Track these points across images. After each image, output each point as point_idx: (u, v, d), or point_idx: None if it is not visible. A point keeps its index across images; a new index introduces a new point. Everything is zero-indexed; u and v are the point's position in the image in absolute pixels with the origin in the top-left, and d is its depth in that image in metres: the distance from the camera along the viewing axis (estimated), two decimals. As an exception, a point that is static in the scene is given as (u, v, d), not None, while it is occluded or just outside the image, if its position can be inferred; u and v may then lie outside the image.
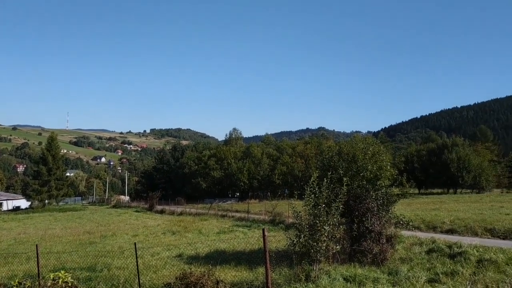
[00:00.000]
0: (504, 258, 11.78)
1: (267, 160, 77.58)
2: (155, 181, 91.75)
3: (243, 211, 38.21)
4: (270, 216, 31.17)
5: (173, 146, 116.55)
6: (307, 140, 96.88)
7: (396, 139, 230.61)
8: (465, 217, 23.16)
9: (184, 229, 28.68)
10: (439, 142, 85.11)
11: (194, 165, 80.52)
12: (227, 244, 19.29)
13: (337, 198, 11.75)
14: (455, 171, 69.65)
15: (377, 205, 13.34)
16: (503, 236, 17.92)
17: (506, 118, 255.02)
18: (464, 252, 12.83)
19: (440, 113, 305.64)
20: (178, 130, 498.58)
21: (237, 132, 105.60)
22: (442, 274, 10.49)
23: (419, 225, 21.95)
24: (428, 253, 13.83)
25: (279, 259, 12.36)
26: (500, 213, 25.05)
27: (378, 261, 12.36)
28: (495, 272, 10.48)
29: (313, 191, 11.51)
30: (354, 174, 14.65)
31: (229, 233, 25.37)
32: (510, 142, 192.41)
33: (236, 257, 15.77)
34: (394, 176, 15.36)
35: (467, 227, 19.86)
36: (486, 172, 71.20)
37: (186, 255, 17.37)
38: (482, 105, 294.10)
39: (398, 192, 15.24)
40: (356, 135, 26.42)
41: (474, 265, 11.55)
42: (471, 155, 72.43)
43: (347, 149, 15.86)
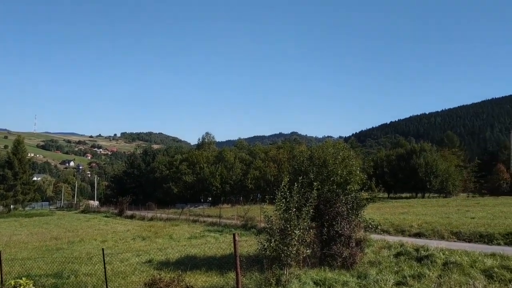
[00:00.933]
0: (468, 261, 12.10)
1: (239, 165, 77.55)
2: (126, 186, 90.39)
3: (215, 216, 37.99)
4: (242, 221, 31.08)
5: (144, 150, 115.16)
6: (280, 145, 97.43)
7: (366, 144, 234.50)
8: (433, 221, 23.71)
9: (155, 235, 28.28)
10: (408, 147, 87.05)
11: (165, 169, 79.71)
12: (198, 249, 19.13)
13: (308, 203, 11.83)
14: (423, 175, 71.35)
15: (347, 209, 13.51)
16: (469, 239, 18.41)
17: (472, 124, 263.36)
18: (431, 255, 13.12)
19: (409, 119, 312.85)
20: (149, 134, 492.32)
21: (209, 136, 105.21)
22: (410, 277, 10.69)
23: (388, 228, 22.35)
24: (396, 256, 14.07)
25: (250, 264, 12.34)
26: (466, 217, 25.76)
27: (347, 264, 12.51)
28: (460, 274, 10.75)
29: (284, 196, 11.56)
30: (324, 178, 14.76)
31: (200, 238, 25.16)
32: (475, 147, 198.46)
33: (207, 262, 15.66)
34: (363, 180, 15.57)
35: (434, 231, 20.31)
36: (453, 177, 73.25)
37: (156, 260, 17.12)
38: (449, 112, 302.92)
39: (367, 196, 15.47)
40: (328, 140, 26.70)
41: (440, 267, 11.82)
42: (439, 160, 74.40)
43: (318, 154, 15.99)
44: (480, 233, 18.61)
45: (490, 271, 10.79)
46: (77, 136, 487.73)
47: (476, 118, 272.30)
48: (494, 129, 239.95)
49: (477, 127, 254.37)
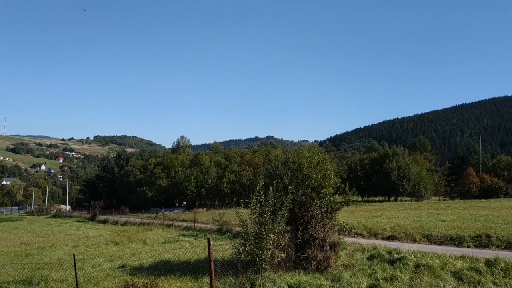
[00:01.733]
0: (439, 263, 12.35)
1: (215, 169, 77.21)
2: (99, 190, 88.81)
3: (190, 220, 37.69)
4: (217, 225, 30.93)
5: (118, 154, 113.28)
6: (256, 149, 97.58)
7: (341, 148, 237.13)
8: (405, 224, 24.13)
9: (128, 239, 27.87)
10: (381, 151, 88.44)
11: (139, 173, 78.64)
12: (173, 254, 18.93)
13: (283, 206, 11.87)
14: (395, 179, 72.57)
15: (321, 212, 13.61)
16: (440, 242, 18.81)
17: (443, 129, 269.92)
18: (403, 258, 13.33)
19: (382, 124, 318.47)
20: (123, 137, 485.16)
21: (185, 139, 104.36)
22: (382, 280, 10.83)
23: (362, 232, 22.63)
24: (370, 259, 14.25)
25: (225, 268, 12.27)
26: (437, 220, 26.32)
27: (322, 268, 12.59)
28: (431, 276, 10.96)
29: (259, 200, 11.57)
30: (299, 182, 14.86)
31: (174, 243, 24.92)
32: (447, 152, 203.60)
33: (182, 267, 15.52)
34: (337, 184, 15.74)
35: (407, 234, 20.68)
36: (425, 180, 74.79)
37: (129, 266, 16.85)
38: (421, 117, 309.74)
39: (341, 200, 15.62)
40: (303, 144, 26.87)
41: (412, 270, 12.02)
42: (411, 164, 75.85)
43: (293, 158, 16.09)
44: (450, 235, 19.04)
45: (460, 273, 11.04)
46: (48, 139, 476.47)
47: (447, 123, 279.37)
48: (464, 134, 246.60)
49: (448, 132, 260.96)
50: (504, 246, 16.60)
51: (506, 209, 32.61)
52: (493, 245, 16.86)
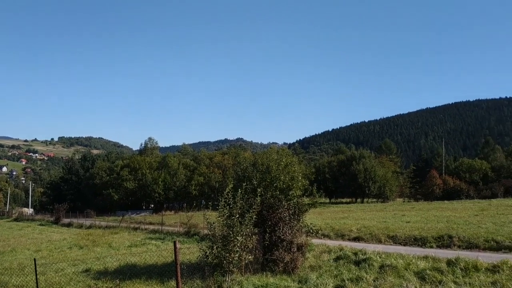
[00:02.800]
0: (403, 264, 12.62)
1: (183, 171, 76.58)
2: (63, 193, 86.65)
3: (157, 223, 37.21)
4: (185, 228, 30.63)
5: (83, 156, 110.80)
6: (225, 151, 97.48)
7: (310, 150, 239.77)
8: (371, 225, 24.59)
9: (93, 243, 27.22)
10: (348, 154, 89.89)
11: (105, 175, 77.12)
12: (139, 257, 18.59)
13: (251, 209, 11.86)
14: (362, 181, 73.91)
15: (289, 214, 13.67)
16: (404, 242, 19.25)
17: (408, 132, 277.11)
18: (368, 258, 13.55)
19: (349, 127, 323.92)
20: (89, 139, 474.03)
21: (153, 141, 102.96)
22: (348, 280, 10.97)
23: (329, 233, 22.91)
24: (336, 260, 14.42)
25: (191, 272, 12.14)
26: (402, 221, 26.94)
27: (289, 269, 12.65)
28: (395, 277, 11.18)
29: (228, 202, 11.53)
30: (268, 184, 14.89)
31: (141, 246, 24.51)
32: (411, 154, 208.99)
33: (148, 270, 15.26)
34: (305, 186, 15.86)
35: (372, 235, 21.07)
36: (390, 182, 76.53)
37: (94, 270, 16.45)
38: (387, 120, 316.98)
39: (309, 202, 15.75)
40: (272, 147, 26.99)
41: (377, 270, 12.24)
42: (377, 166, 77.45)
43: (262, 160, 16.11)
44: (414, 236, 19.51)
45: (422, 273, 11.31)
46: (10, 140, 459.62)
47: (412, 126, 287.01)
48: (428, 137, 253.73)
49: (413, 135, 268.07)
50: (465, 246, 17.14)
51: (468, 211, 33.69)
52: (455, 246, 17.37)
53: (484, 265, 11.65)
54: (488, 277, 10.62)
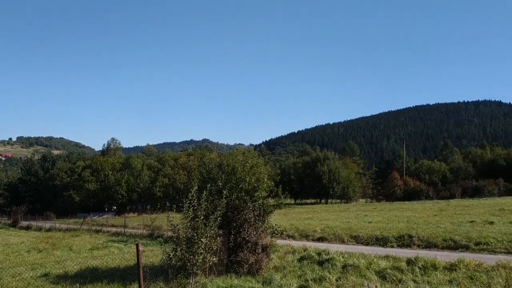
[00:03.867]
0: (365, 263, 12.87)
1: (147, 172, 75.47)
2: (21, 194, 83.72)
3: (119, 225, 36.50)
4: (148, 230, 30.20)
5: (43, 156, 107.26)
6: (190, 152, 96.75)
7: (275, 152, 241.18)
8: (334, 226, 24.96)
9: (52, 246, 26.42)
10: (313, 155, 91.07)
11: (66, 176, 74.97)
12: (100, 260, 18.17)
13: (216, 210, 11.80)
14: (326, 182, 75.07)
15: (254, 215, 13.69)
16: (366, 242, 19.65)
17: (370, 134, 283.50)
18: (331, 258, 13.74)
19: (315, 129, 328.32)
20: (49, 139, 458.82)
21: (115, 142, 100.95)
22: (312, 281, 11.08)
23: (294, 234, 23.11)
24: (300, 260, 14.55)
25: (155, 275, 11.96)
26: (364, 221, 27.48)
27: (253, 270, 12.66)
28: (357, 276, 11.38)
29: (192, 204, 11.43)
30: (233, 186, 14.86)
31: (103, 249, 23.97)
32: (374, 156, 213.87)
33: (110, 274, 14.93)
34: (270, 187, 15.94)
35: (336, 235, 21.40)
36: (353, 183, 78.10)
37: (53, 274, 15.94)
38: (350, 123, 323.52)
39: (274, 203, 15.84)
40: (238, 148, 26.95)
41: (339, 270, 12.42)
42: (341, 168, 78.88)
43: (227, 161, 16.08)
44: (376, 236, 19.95)
45: (383, 272, 11.56)
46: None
47: (375, 129, 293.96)
48: (390, 139, 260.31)
49: (375, 138, 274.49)
50: (424, 245, 17.64)
51: (427, 211, 34.71)
52: (415, 245, 17.87)
53: (442, 264, 12.03)
54: (446, 275, 10.97)
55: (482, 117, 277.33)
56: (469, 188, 63.90)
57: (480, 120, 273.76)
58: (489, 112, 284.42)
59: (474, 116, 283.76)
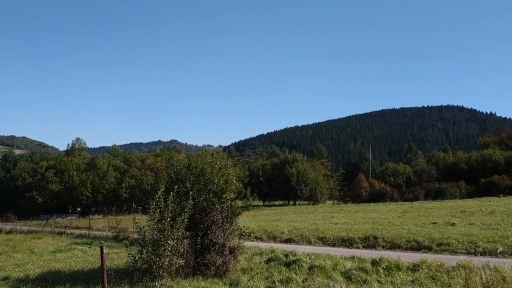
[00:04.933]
0: (331, 264, 13.03)
1: (113, 173, 74.12)
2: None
3: (84, 227, 35.70)
4: (114, 232, 29.68)
5: (4, 156, 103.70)
6: (158, 153, 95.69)
7: (245, 153, 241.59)
8: (302, 227, 25.18)
9: (13, 249, 25.54)
10: (282, 157, 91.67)
11: (28, 177, 72.71)
12: (64, 263, 17.67)
13: (183, 212, 11.71)
14: (295, 184, 75.70)
15: (222, 217, 13.64)
16: (333, 243, 19.91)
17: (338, 137, 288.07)
18: (298, 260, 13.84)
19: (283, 131, 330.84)
20: (11, 138, 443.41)
21: (80, 142, 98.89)
22: (278, 282, 11.13)
23: (262, 235, 23.17)
24: (268, 262, 14.58)
25: (119, 277, 11.74)
26: (331, 223, 27.86)
27: (221, 273, 12.61)
28: (323, 277, 11.50)
29: (159, 206, 11.29)
30: (201, 187, 14.76)
31: (66, 252, 23.35)
32: (341, 159, 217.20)
33: (73, 277, 14.55)
34: (239, 189, 15.92)
35: (303, 236, 21.59)
36: (321, 185, 79.10)
37: (13, 278, 15.39)
38: (319, 125, 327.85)
39: (242, 205, 15.83)
40: (207, 149, 26.81)
41: (306, 271, 12.52)
42: (309, 170, 79.74)
43: (196, 162, 15.97)
44: (342, 237, 20.24)
45: (349, 273, 11.73)
46: None
47: (342, 132, 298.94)
48: (357, 142, 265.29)
49: (343, 140, 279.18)
50: (388, 246, 18.03)
51: (392, 212, 35.53)
52: (380, 246, 18.23)
53: (405, 265, 12.32)
54: (409, 275, 11.23)
55: (445, 122, 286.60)
56: (432, 191, 65.81)
57: (443, 124, 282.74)
58: (451, 117, 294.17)
59: (438, 120, 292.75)
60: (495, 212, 28.97)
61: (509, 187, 60.66)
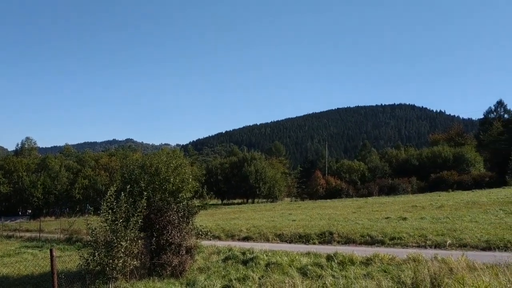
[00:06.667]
0: (287, 260, 13.19)
1: (66, 173, 71.72)
2: None
3: (35, 230, 34.32)
4: (66, 234, 28.75)
5: None
6: (113, 152, 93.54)
7: (203, 152, 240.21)
8: (260, 225, 25.34)
9: (-45, 256, 24.14)
10: (240, 156, 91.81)
11: (-26, 178, 69.08)
12: (12, 268, 16.93)
13: (136, 212, 11.50)
14: (253, 182, 76.02)
15: (178, 217, 13.49)
16: (290, 240, 20.17)
17: (296, 135, 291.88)
18: (255, 257, 13.92)
19: (242, 129, 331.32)
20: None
21: (30, 141, 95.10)
22: (235, 280, 11.15)
23: (219, 234, 23.14)
24: (225, 260, 14.58)
25: (71, 281, 11.38)
26: (288, 220, 28.18)
27: (177, 273, 12.47)
28: (280, 273, 11.62)
29: (111, 206, 11.02)
30: (156, 187, 14.53)
31: (15, 256, 22.35)
32: (299, 156, 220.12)
33: (22, 282, 14.02)
34: (195, 188, 15.79)
35: (261, 234, 21.73)
36: (279, 183, 79.87)
37: (-46, 287, 14.60)
38: (277, 123, 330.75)
39: (199, 204, 15.71)
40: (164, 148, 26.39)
41: (263, 269, 12.62)
42: (267, 168, 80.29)
43: (151, 161, 15.70)
44: (299, 234, 20.55)
45: (305, 269, 11.92)
46: None
47: (300, 130, 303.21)
48: (314, 140, 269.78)
49: (300, 138, 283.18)
50: (344, 241, 18.48)
51: (347, 208, 36.37)
52: (335, 241, 18.65)
53: (359, 259, 12.67)
54: (362, 269, 11.55)
55: (398, 120, 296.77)
56: (386, 186, 67.87)
57: (395, 122, 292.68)
58: (403, 115, 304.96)
59: (391, 118, 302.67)
60: (444, 206, 30.24)
61: (458, 182, 63.41)
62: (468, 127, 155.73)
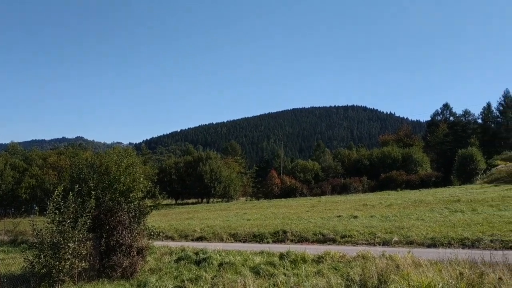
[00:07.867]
0: (241, 260, 13.22)
1: (11, 172, 68.31)
2: None
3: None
4: (10, 236, 27.42)
5: None
6: (62, 151, 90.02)
7: (157, 151, 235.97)
8: (214, 225, 25.22)
9: None
10: (196, 155, 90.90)
11: None
12: None
13: (84, 213, 11.14)
14: (208, 182, 75.52)
15: (129, 217, 13.22)
16: (244, 239, 20.20)
17: (252, 135, 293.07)
18: (208, 257, 13.86)
19: (198, 128, 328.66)
20: None
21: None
22: (188, 281, 11.04)
23: (173, 234, 22.83)
24: (177, 261, 14.42)
25: (15, 284, 10.88)
26: (243, 219, 28.21)
27: (128, 274, 12.21)
28: (233, 273, 11.62)
29: (58, 206, 10.62)
30: (106, 186, 14.15)
31: (-47, 260, 21.05)
32: (255, 156, 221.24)
33: (-41, 288, 13.18)
34: (147, 188, 15.52)
35: (215, 234, 21.64)
36: (235, 182, 79.78)
37: None
38: (233, 123, 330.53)
39: (151, 204, 15.47)
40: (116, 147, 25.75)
41: (216, 269, 12.59)
42: (223, 167, 79.99)
43: (100, 160, 15.28)
44: (253, 233, 20.63)
45: (257, 268, 11.98)
46: None
47: (256, 129, 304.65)
48: (270, 139, 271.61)
49: (256, 138, 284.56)
50: (297, 240, 18.72)
51: (301, 207, 36.86)
52: (288, 240, 18.87)
53: (311, 257, 12.89)
54: (314, 267, 11.76)
55: (350, 121, 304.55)
56: (338, 186, 69.29)
57: (348, 123, 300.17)
58: (356, 116, 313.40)
59: (343, 119, 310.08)
60: (393, 205, 31.28)
61: (406, 181, 65.69)
62: (416, 129, 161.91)
